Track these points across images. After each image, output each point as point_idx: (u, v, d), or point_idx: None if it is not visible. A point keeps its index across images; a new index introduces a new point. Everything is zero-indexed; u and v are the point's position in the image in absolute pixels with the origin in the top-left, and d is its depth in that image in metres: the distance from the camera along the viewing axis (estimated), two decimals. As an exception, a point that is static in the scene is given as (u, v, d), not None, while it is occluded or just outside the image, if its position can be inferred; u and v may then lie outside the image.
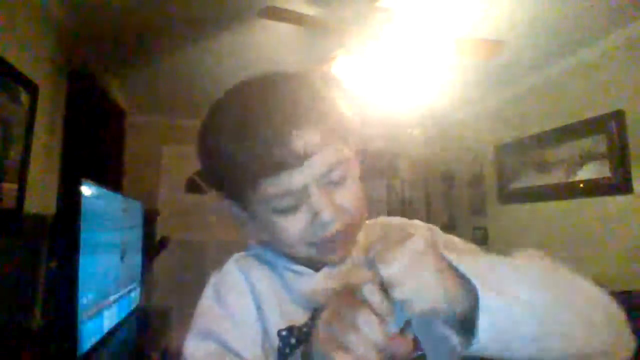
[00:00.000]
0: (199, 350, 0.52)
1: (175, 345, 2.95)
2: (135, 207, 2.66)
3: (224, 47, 2.69)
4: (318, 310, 0.54)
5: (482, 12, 2.27)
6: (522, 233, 3.32)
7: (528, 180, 3.27)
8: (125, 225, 2.37)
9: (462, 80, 3.19)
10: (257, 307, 0.55)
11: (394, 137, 4.46)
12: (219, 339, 0.52)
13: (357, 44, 2.08)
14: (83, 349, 1.57)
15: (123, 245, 2.29)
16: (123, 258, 2.29)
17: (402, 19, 2.04)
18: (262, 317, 0.55)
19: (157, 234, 3.68)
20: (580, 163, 2.81)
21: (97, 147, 2.63)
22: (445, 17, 2.30)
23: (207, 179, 0.57)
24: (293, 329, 0.53)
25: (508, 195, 3.48)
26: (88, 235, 1.66)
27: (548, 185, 3.06)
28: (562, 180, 2.94)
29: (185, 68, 3.06)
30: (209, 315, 0.55)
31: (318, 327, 0.43)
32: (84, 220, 1.63)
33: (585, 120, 2.76)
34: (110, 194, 2.13)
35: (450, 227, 4.23)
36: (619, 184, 2.53)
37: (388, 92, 2.89)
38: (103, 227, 1.96)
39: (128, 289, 2.39)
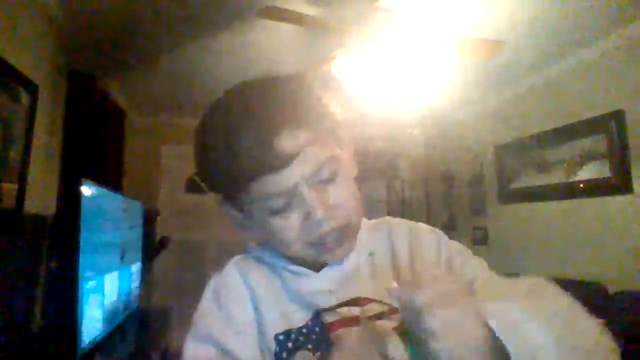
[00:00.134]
0: (198, 353, 0.52)
1: (175, 346, 2.95)
2: (135, 207, 2.66)
3: (224, 47, 2.69)
4: (319, 312, 0.55)
5: (482, 12, 2.27)
6: (522, 233, 3.32)
7: (528, 180, 3.27)
8: (125, 225, 2.37)
9: (462, 80, 3.19)
10: (255, 309, 0.56)
11: (394, 137, 4.46)
12: (218, 342, 0.52)
13: (357, 44, 2.08)
14: (83, 349, 1.57)
15: (123, 245, 2.29)
16: (123, 258, 2.29)
17: (402, 19, 2.04)
18: (260, 320, 0.55)
19: (157, 234, 3.68)
20: (580, 163, 2.81)
21: (97, 147, 2.62)
22: (445, 17, 2.30)
23: (204, 182, 0.58)
24: (290, 333, 0.53)
25: (508, 195, 3.48)
26: (88, 235, 1.66)
27: (548, 185, 3.06)
28: (562, 180, 2.94)
29: (185, 68, 3.06)
30: (208, 318, 0.55)
31: None
32: (84, 220, 1.63)
33: (585, 120, 2.76)
34: (110, 194, 2.13)
35: (450, 227, 4.22)
36: (619, 184, 2.53)
37: (388, 92, 2.89)
38: (103, 227, 1.96)
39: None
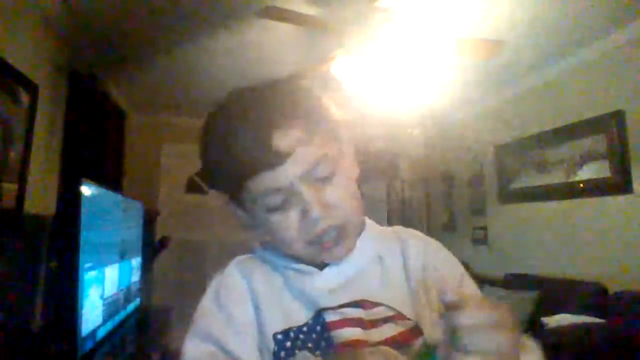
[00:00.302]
0: (197, 351, 0.53)
1: (175, 345, 2.94)
2: (135, 207, 2.67)
3: (224, 46, 2.69)
4: (321, 311, 0.54)
5: (482, 12, 2.27)
6: (522, 233, 3.32)
7: (528, 180, 3.27)
8: (125, 225, 2.37)
9: (462, 80, 3.19)
10: (255, 309, 0.56)
11: (394, 137, 4.46)
12: (217, 341, 0.53)
13: (357, 44, 2.08)
14: (83, 349, 1.57)
15: (123, 245, 2.30)
16: (123, 258, 2.29)
17: (402, 19, 2.04)
18: (260, 320, 0.55)
19: (157, 234, 3.68)
20: (580, 163, 2.81)
21: (97, 147, 2.62)
22: (445, 17, 2.30)
23: (207, 182, 0.59)
24: (290, 332, 0.53)
25: (508, 195, 3.48)
26: (88, 235, 1.66)
27: (548, 185, 3.06)
28: (562, 180, 2.94)
29: (185, 68, 3.06)
30: (208, 318, 0.56)
31: None
32: (84, 220, 1.63)
33: (585, 120, 2.76)
34: (110, 194, 2.13)
35: (450, 227, 4.23)
36: (619, 184, 2.53)
37: (388, 92, 2.89)
38: (103, 227, 1.96)
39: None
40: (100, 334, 1.83)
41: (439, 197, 4.43)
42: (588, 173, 2.75)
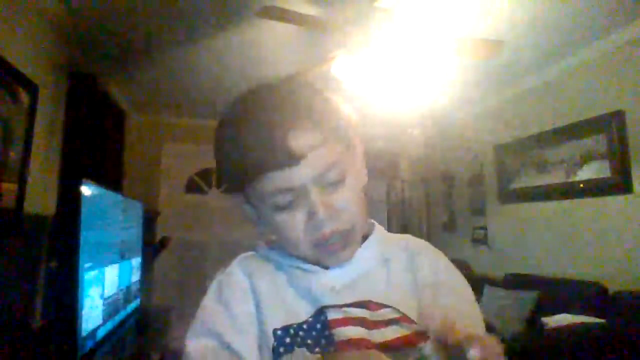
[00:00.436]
0: (198, 346, 0.53)
1: (175, 345, 2.95)
2: (135, 207, 2.67)
3: (224, 47, 2.69)
4: (323, 309, 0.55)
5: (482, 12, 2.27)
6: (522, 233, 3.32)
7: (528, 180, 3.27)
8: (125, 225, 2.37)
9: (462, 80, 3.19)
10: (257, 307, 0.56)
11: (394, 137, 4.46)
12: (218, 337, 0.53)
13: (357, 44, 2.08)
14: (84, 348, 1.57)
15: (123, 245, 2.30)
16: (123, 258, 2.29)
17: (402, 19, 2.04)
18: (261, 317, 0.55)
19: (157, 234, 3.69)
20: (580, 163, 2.81)
21: (97, 147, 2.62)
22: (445, 17, 2.30)
23: (219, 176, 0.59)
24: (290, 328, 0.54)
25: (508, 195, 3.48)
26: (88, 235, 1.66)
27: (548, 185, 3.06)
28: (562, 180, 2.94)
29: (185, 68, 3.06)
30: (210, 314, 0.56)
31: None
32: (84, 220, 1.63)
33: (585, 120, 2.76)
34: (110, 194, 2.13)
35: (450, 227, 4.23)
36: (619, 184, 2.53)
37: (388, 92, 2.89)
38: (103, 227, 1.96)
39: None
40: (100, 334, 1.83)
41: (439, 197, 4.43)
42: (588, 173, 2.75)
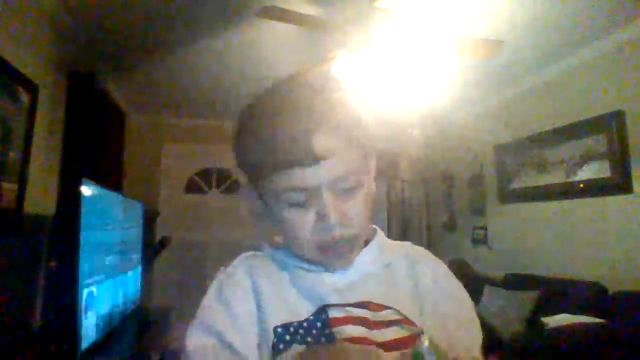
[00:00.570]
0: (198, 343, 0.54)
1: (175, 345, 2.94)
2: (135, 207, 2.66)
3: (224, 47, 2.69)
4: (324, 307, 0.55)
5: (482, 12, 2.27)
6: (522, 233, 3.32)
7: (528, 180, 3.27)
8: (125, 225, 2.37)
9: (462, 80, 3.19)
10: (258, 305, 0.57)
11: (394, 137, 4.46)
12: (218, 335, 0.54)
13: (357, 44, 2.08)
14: (83, 349, 1.57)
15: (123, 245, 2.29)
16: (123, 258, 2.29)
17: (402, 19, 2.04)
18: (262, 316, 0.56)
19: (157, 234, 3.69)
20: (580, 163, 2.81)
21: (97, 147, 2.62)
22: (445, 17, 2.30)
23: (238, 165, 0.61)
24: (290, 326, 0.54)
25: (508, 195, 3.48)
26: (88, 235, 1.66)
27: (548, 185, 3.06)
28: (562, 180, 2.94)
29: (185, 68, 3.06)
30: (210, 311, 0.57)
31: None
32: (84, 220, 1.63)
33: (585, 120, 2.76)
34: (110, 194, 2.13)
35: (450, 227, 4.23)
36: (619, 184, 2.53)
37: (388, 92, 2.89)
38: (103, 227, 1.96)
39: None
40: (100, 334, 1.83)
41: (439, 197, 4.43)
42: (588, 173, 2.75)
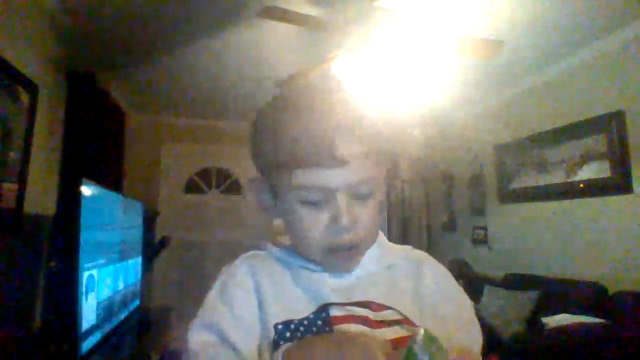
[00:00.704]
0: (199, 338, 0.55)
1: (175, 346, 2.94)
2: (135, 207, 2.66)
3: (224, 46, 2.69)
4: (326, 306, 0.56)
5: (482, 12, 2.27)
6: (522, 233, 3.31)
7: (528, 180, 3.27)
8: (125, 225, 2.37)
9: (462, 80, 3.19)
10: (260, 304, 0.57)
11: (394, 137, 4.45)
12: (219, 332, 0.54)
13: (357, 44, 2.08)
14: (83, 349, 1.57)
15: (123, 245, 2.29)
16: (123, 258, 2.29)
17: (402, 19, 2.04)
18: (264, 314, 0.56)
19: (157, 234, 3.69)
20: (580, 163, 2.81)
21: (97, 147, 2.62)
22: (445, 17, 2.30)
23: (254, 160, 0.62)
24: (290, 323, 0.55)
25: (508, 195, 3.48)
26: (88, 235, 1.66)
27: (548, 185, 3.06)
28: (562, 180, 2.94)
29: (185, 68, 3.06)
30: (213, 309, 0.58)
31: None
32: (84, 220, 1.63)
33: (585, 120, 2.76)
34: (110, 194, 2.13)
35: (450, 227, 4.23)
36: (619, 184, 2.53)
37: (388, 91, 2.88)
38: (103, 227, 1.96)
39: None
40: (100, 334, 1.83)
41: (439, 197, 4.42)
42: (588, 173, 2.75)
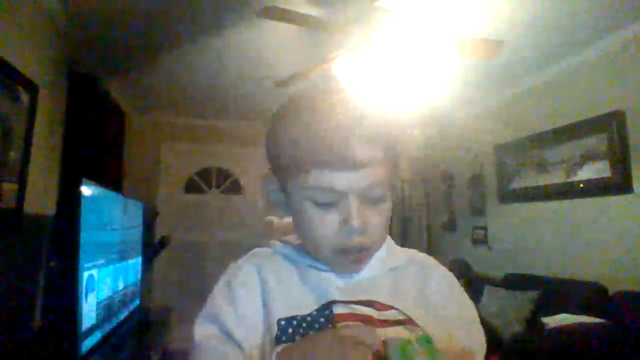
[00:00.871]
0: (203, 331, 0.56)
1: (175, 346, 2.95)
2: (136, 207, 2.66)
3: (224, 46, 2.69)
4: (329, 303, 0.56)
5: (482, 12, 2.27)
6: (522, 233, 3.31)
7: (528, 180, 3.27)
8: (125, 225, 2.37)
9: (462, 80, 3.19)
10: (264, 300, 0.58)
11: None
12: (222, 325, 0.56)
13: (357, 44, 2.08)
14: (83, 349, 1.57)
15: (123, 245, 2.29)
16: (123, 258, 2.28)
17: (402, 19, 2.04)
18: (268, 312, 0.57)
19: (157, 234, 3.69)
20: (580, 163, 2.81)
21: (97, 147, 2.62)
22: (446, 17, 2.30)
23: (268, 159, 0.62)
24: (293, 319, 0.55)
25: (508, 195, 3.48)
26: (88, 235, 1.66)
27: (548, 185, 3.06)
28: (562, 180, 2.94)
29: (185, 68, 3.06)
30: (218, 303, 0.59)
31: None
32: (84, 220, 1.63)
33: (585, 120, 2.75)
34: (110, 194, 2.13)
35: (450, 227, 4.23)
36: (619, 184, 2.53)
37: (388, 91, 2.89)
38: (103, 227, 1.96)
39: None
40: (100, 334, 1.83)
41: (439, 197, 4.42)
42: (588, 173, 2.75)
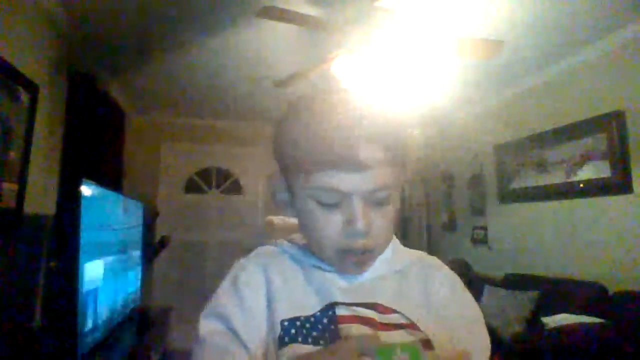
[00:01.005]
0: (207, 327, 0.57)
1: (175, 346, 2.95)
2: (136, 207, 2.66)
3: (224, 46, 2.69)
4: (332, 305, 0.57)
5: (482, 12, 2.27)
6: (522, 233, 3.31)
7: (528, 180, 3.27)
8: (125, 225, 2.37)
9: (462, 80, 3.19)
10: (269, 299, 0.58)
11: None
12: (226, 322, 0.56)
13: (357, 44, 2.08)
14: (83, 348, 1.57)
15: (123, 245, 2.29)
16: (123, 257, 2.29)
17: (402, 19, 2.04)
18: (272, 311, 0.57)
19: (157, 234, 3.69)
20: (580, 163, 2.81)
21: (97, 147, 2.62)
22: (446, 17, 2.30)
23: (276, 159, 0.63)
24: (297, 320, 0.56)
25: (508, 195, 3.48)
26: (88, 235, 1.66)
27: (548, 185, 3.06)
28: (562, 180, 2.94)
29: (185, 68, 3.06)
30: (223, 300, 0.59)
31: None
32: (84, 220, 1.63)
33: (585, 120, 2.75)
34: (110, 194, 2.13)
35: (450, 227, 4.23)
36: (619, 184, 2.53)
37: (388, 91, 2.88)
38: (103, 227, 1.96)
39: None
40: (100, 334, 1.83)
41: (439, 197, 4.43)
42: (588, 173, 2.75)
